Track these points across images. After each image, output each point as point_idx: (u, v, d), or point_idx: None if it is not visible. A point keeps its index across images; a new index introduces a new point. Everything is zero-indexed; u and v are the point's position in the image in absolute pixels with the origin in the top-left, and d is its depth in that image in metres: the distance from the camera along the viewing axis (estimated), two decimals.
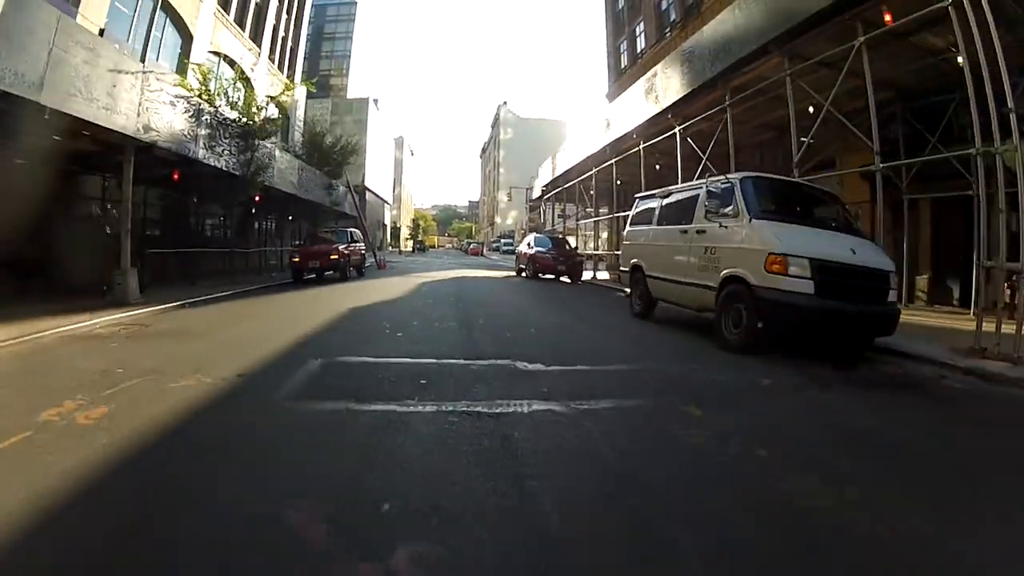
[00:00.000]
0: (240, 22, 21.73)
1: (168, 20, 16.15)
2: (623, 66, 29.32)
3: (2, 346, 5.17)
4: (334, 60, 69.20)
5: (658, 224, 7.59)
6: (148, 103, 9.40)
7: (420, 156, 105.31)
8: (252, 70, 21.98)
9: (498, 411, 3.35)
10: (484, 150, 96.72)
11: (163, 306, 8.66)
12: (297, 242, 18.91)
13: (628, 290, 8.80)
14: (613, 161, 17.07)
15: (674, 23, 23.07)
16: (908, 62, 8.89)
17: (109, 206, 11.44)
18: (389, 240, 69.88)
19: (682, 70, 12.12)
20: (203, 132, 11.57)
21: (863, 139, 7.89)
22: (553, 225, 31.17)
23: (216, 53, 19.46)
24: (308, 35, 38.80)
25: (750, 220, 5.46)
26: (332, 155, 22.52)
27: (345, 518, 2.02)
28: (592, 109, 31.62)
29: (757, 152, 14.45)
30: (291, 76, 30.14)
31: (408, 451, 2.70)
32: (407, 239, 78.42)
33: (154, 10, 14.16)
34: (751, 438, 3.02)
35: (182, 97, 10.89)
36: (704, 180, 6.77)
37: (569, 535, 1.95)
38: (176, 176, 11.23)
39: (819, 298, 4.94)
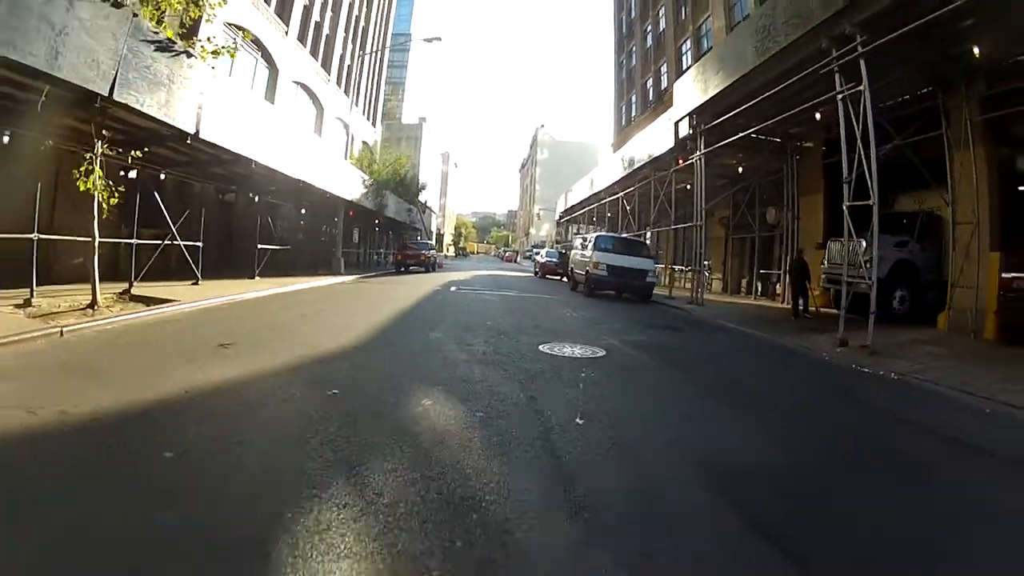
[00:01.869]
0: (357, 99, 33.96)
1: (308, 97, 28.22)
2: (623, 123, 40.58)
3: (328, 286, 16.79)
4: (390, 86, 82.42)
5: (577, 248, 18.92)
6: (349, 180, 21.18)
7: (462, 165, 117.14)
8: (354, 123, 34.36)
9: (501, 294, 15.03)
10: (523, 166, 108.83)
11: (356, 276, 20.40)
12: (393, 250, 30.93)
13: (574, 279, 20.08)
14: (595, 206, 28.39)
15: (651, 103, 34.22)
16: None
17: (304, 227, 23.30)
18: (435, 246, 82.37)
19: (617, 164, 23.41)
20: (364, 189, 23.34)
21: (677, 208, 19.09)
22: (571, 240, 42.55)
23: (339, 118, 31.71)
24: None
25: (593, 251, 16.70)
26: (411, 187, 34.49)
27: (480, 295, 13.52)
28: (611, 143, 42.51)
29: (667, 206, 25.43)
30: (373, 119, 42.78)
31: (485, 296, 14.27)
32: (449, 245, 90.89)
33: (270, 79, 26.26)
34: (563, 303, 14.41)
35: (357, 172, 22.78)
36: (590, 234, 18.13)
37: (508, 296, 13.43)
38: (351, 213, 23.06)
39: (609, 277, 16.12)
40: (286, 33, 23.59)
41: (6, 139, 8.72)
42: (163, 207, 10.50)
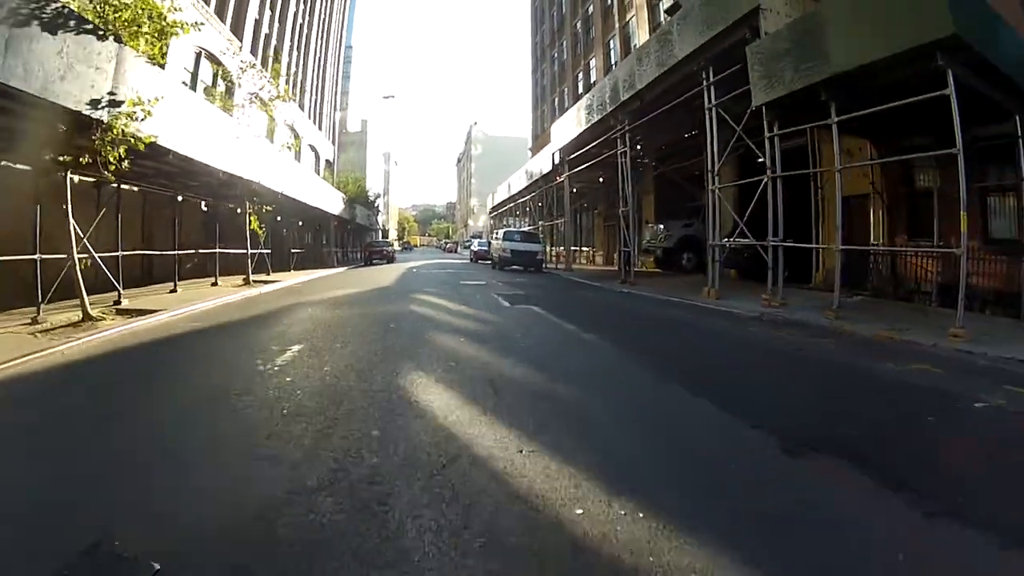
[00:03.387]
0: (320, 124, 43.39)
1: (289, 130, 37.52)
2: (538, 132, 51.28)
3: (337, 272, 26.89)
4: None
5: (495, 239, 29.55)
6: (335, 200, 30.91)
7: (402, 159, 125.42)
8: (319, 145, 43.85)
9: (445, 271, 25.56)
10: (459, 160, 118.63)
11: (345, 268, 30.38)
12: (357, 248, 40.79)
13: (494, 261, 30.59)
14: (512, 204, 38.99)
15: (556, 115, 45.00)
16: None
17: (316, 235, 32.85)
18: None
19: (523, 175, 34.07)
20: (342, 205, 33.00)
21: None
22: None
23: (310, 144, 41.08)
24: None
25: (502, 240, 27.32)
26: (368, 199, 44.27)
27: (431, 272, 23.94)
28: (529, 148, 53.36)
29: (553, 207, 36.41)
30: (332, 138, 51.97)
31: (432, 270, 24.67)
32: (394, 240, 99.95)
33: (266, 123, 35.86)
34: (482, 274, 24.98)
35: (339, 193, 32.56)
36: (500, 229, 28.82)
37: (449, 271, 23.95)
38: (336, 224, 32.72)
39: (510, 256, 26.81)
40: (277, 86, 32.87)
41: (180, 198, 18.36)
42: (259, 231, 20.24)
